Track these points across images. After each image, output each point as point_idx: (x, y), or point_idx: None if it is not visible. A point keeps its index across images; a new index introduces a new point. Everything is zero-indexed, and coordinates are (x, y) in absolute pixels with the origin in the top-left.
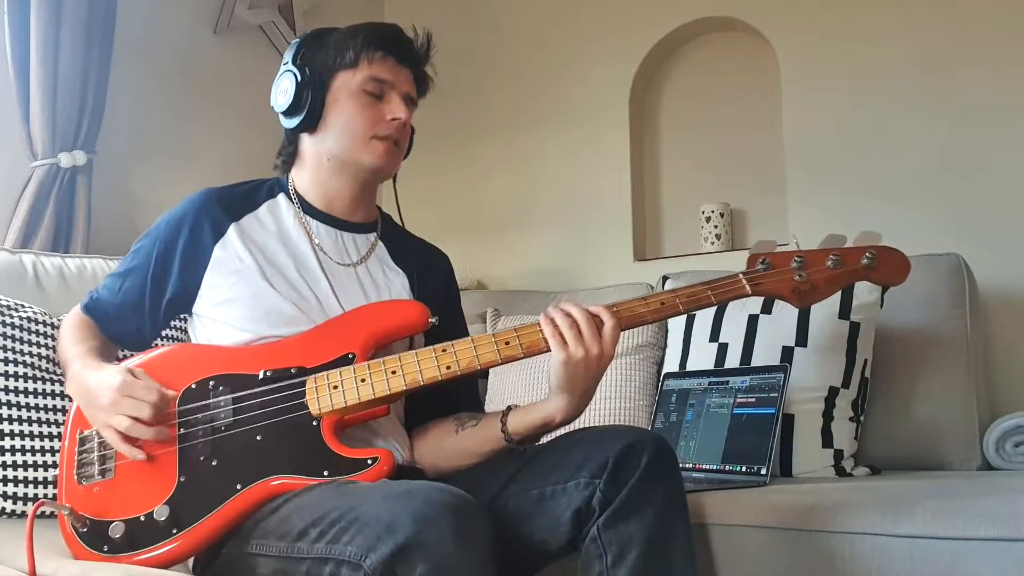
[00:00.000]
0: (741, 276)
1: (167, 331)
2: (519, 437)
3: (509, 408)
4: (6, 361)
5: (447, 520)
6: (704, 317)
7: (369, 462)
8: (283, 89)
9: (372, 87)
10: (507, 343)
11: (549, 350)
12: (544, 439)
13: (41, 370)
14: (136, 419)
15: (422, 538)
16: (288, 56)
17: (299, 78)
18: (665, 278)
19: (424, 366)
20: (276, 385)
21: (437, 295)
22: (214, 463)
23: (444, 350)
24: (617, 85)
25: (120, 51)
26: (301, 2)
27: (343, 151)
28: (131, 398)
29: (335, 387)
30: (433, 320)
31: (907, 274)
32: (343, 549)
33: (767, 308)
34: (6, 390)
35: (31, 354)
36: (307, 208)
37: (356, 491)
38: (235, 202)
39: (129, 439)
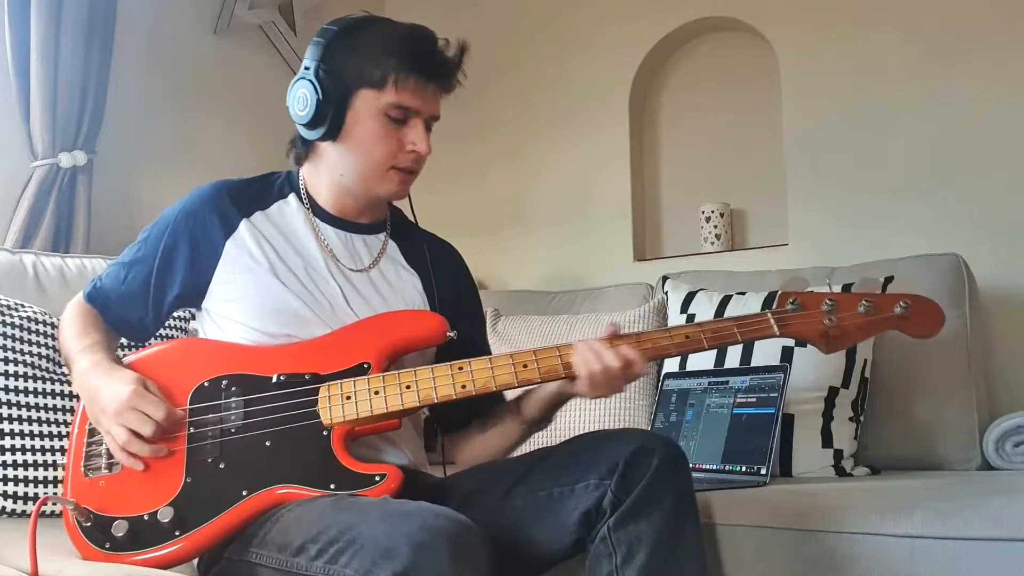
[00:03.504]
0: (770, 315)
1: (166, 328)
2: (532, 419)
3: (519, 398)
4: (6, 361)
5: (444, 547)
6: (704, 318)
7: (377, 479)
8: (301, 98)
9: (396, 113)
10: (525, 366)
11: (566, 376)
12: (549, 441)
13: (41, 370)
14: (136, 434)
15: (419, 565)
16: (311, 59)
17: (320, 94)
18: (665, 278)
19: (439, 383)
20: (289, 390)
21: (451, 296)
22: (221, 466)
23: (460, 368)
24: (617, 85)
25: (120, 51)
26: (301, 2)
27: (359, 177)
28: (137, 412)
29: (348, 397)
30: (451, 334)
31: (941, 327)
32: (341, 571)
33: (767, 307)
34: (6, 390)
35: (31, 354)
36: (317, 210)
37: (355, 508)
38: (246, 197)
39: (127, 450)
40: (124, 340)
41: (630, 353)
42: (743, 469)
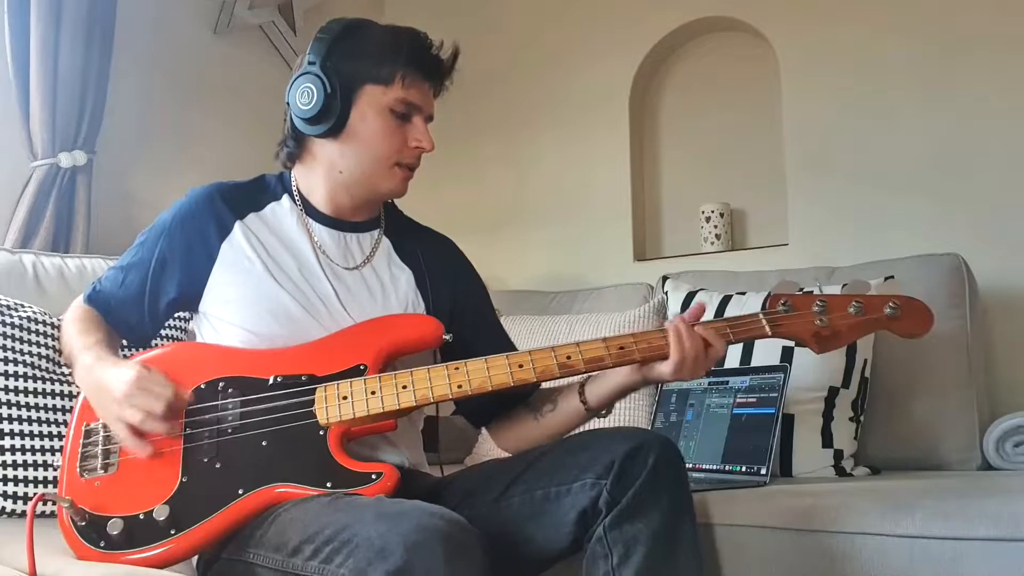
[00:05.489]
0: (761, 316)
1: (168, 328)
2: (599, 405)
3: (583, 383)
4: (6, 361)
5: (438, 547)
6: (704, 318)
7: (373, 477)
8: (306, 92)
9: (401, 108)
10: (520, 366)
11: (561, 376)
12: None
13: (41, 370)
14: (148, 413)
15: (413, 565)
16: (316, 55)
17: (327, 88)
18: (665, 278)
19: (435, 383)
20: (285, 391)
21: (447, 290)
22: (217, 465)
23: (457, 368)
24: (617, 85)
25: (120, 51)
26: (301, 2)
27: (362, 173)
28: (145, 391)
29: (344, 398)
30: (447, 337)
31: (930, 327)
32: (336, 571)
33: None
34: (6, 390)
35: (31, 354)
36: (309, 210)
37: (351, 508)
38: (240, 199)
39: (137, 434)
40: (124, 343)
41: (710, 335)
42: (743, 469)
